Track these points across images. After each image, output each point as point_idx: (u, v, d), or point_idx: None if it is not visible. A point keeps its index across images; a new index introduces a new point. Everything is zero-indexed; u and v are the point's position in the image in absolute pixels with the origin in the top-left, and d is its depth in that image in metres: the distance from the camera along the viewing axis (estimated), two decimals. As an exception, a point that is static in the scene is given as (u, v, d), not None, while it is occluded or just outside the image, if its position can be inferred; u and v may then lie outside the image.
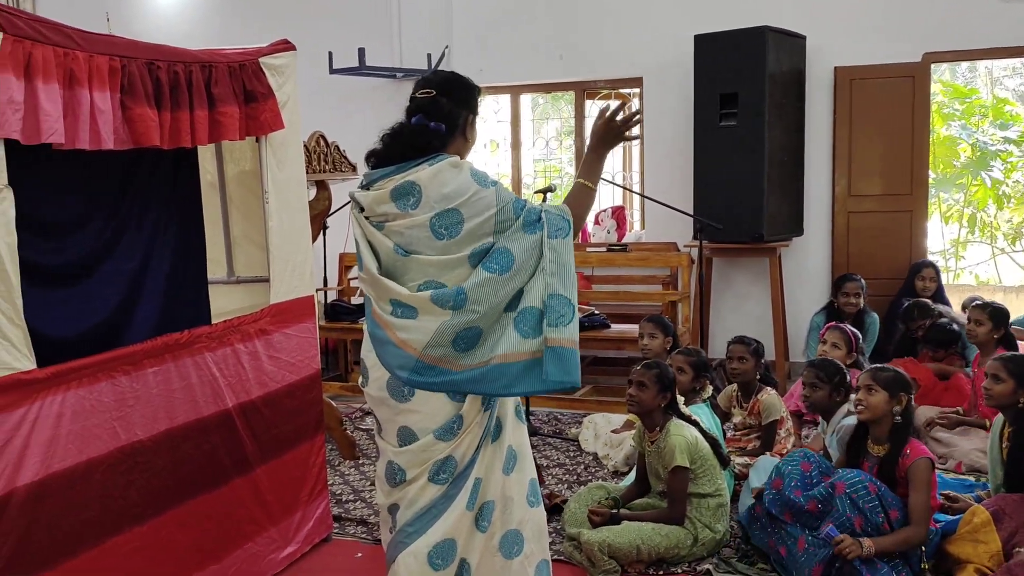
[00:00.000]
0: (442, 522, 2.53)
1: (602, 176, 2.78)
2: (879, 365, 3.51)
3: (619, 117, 2.63)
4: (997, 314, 4.67)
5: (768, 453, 4.20)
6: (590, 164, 2.67)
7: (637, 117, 2.71)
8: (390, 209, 2.50)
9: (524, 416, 2.80)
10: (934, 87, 6.57)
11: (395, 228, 2.50)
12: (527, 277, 2.47)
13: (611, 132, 2.65)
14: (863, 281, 5.80)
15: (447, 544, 2.53)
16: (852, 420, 3.69)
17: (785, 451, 4.25)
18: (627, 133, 2.67)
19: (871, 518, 3.10)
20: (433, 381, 2.47)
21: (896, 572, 3.07)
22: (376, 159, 2.58)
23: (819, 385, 3.91)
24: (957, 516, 3.29)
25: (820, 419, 4.17)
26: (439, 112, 2.55)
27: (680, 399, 3.86)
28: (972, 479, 4.13)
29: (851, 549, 3.00)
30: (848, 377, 3.96)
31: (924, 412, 4.78)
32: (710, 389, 4.37)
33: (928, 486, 3.14)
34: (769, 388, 4.39)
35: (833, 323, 5.07)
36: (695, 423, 3.64)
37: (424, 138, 2.52)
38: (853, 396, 3.47)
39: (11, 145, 2.32)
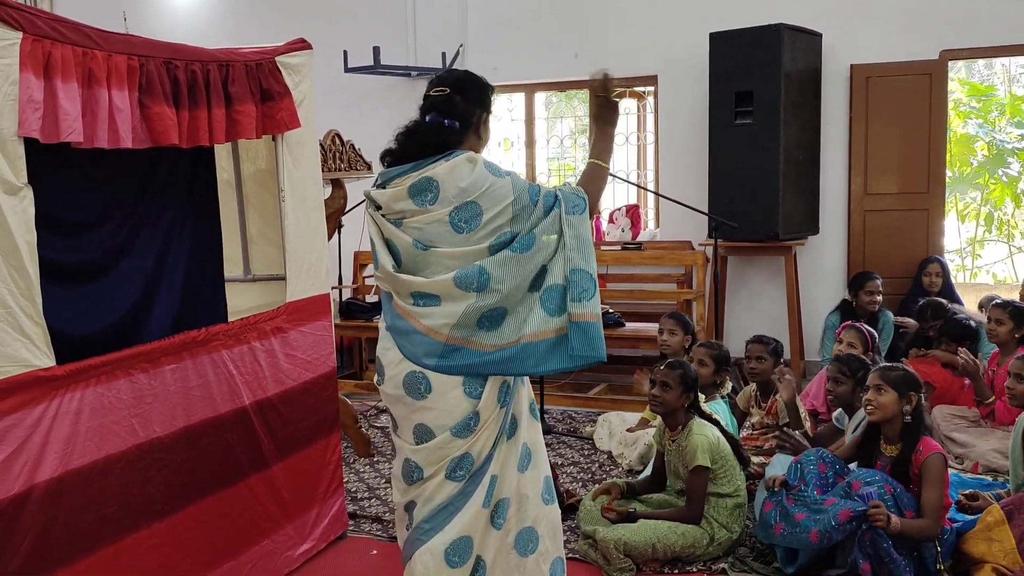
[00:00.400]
0: (459, 519, 2.53)
1: (617, 175, 2.80)
2: (888, 364, 3.49)
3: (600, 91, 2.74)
4: (1018, 313, 4.65)
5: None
6: (599, 143, 2.72)
7: (613, 81, 2.77)
8: (408, 206, 2.51)
9: (539, 414, 2.81)
10: (950, 85, 6.52)
11: (413, 224, 2.51)
12: (549, 255, 2.51)
13: (602, 105, 2.73)
14: (880, 280, 5.78)
15: (464, 542, 2.54)
16: None
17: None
18: (614, 98, 2.75)
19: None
20: (462, 364, 2.49)
21: (908, 570, 3.06)
22: (392, 158, 2.59)
23: (842, 380, 3.93)
24: (975, 515, 3.28)
25: (838, 415, 4.16)
26: (453, 110, 2.57)
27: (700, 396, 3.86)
28: (989, 479, 4.11)
29: (882, 517, 2.98)
30: None
31: (941, 411, 4.76)
32: (730, 384, 4.35)
33: (941, 482, 3.13)
34: None
35: (849, 322, 5.04)
36: (716, 423, 3.63)
37: (440, 136, 2.54)
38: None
39: (30, 144, 2.33)
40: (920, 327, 5.35)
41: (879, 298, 5.71)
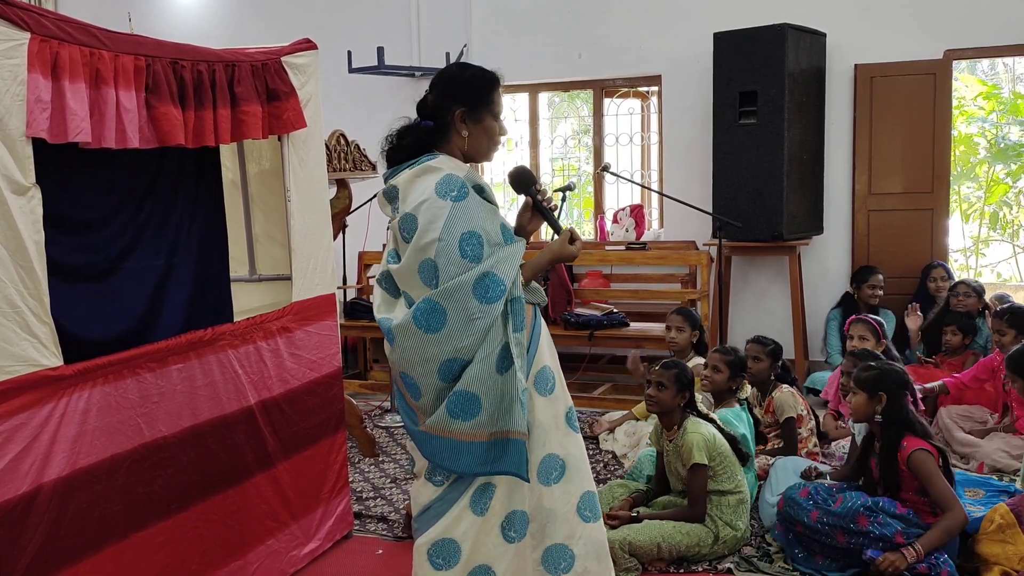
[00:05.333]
0: (440, 522, 2.51)
1: (620, 174, 2.77)
2: (865, 364, 3.47)
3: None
4: (1016, 319, 4.67)
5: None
6: (535, 267, 2.59)
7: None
8: (388, 212, 2.57)
9: (576, 424, 2.67)
10: (954, 84, 6.49)
11: (393, 229, 2.54)
12: (464, 349, 2.39)
13: (567, 254, 2.61)
14: (882, 275, 5.83)
15: (446, 544, 2.50)
16: None
17: (806, 450, 4.24)
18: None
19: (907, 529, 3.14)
20: (403, 415, 2.54)
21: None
22: (386, 160, 2.63)
23: None
24: (980, 515, 3.28)
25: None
26: (425, 109, 2.59)
27: (702, 398, 3.85)
28: (995, 479, 4.10)
29: (895, 564, 3.04)
30: None
31: (947, 412, 4.76)
32: (748, 389, 4.29)
33: (936, 474, 3.14)
34: (783, 386, 4.36)
35: (855, 316, 5.03)
36: (712, 420, 3.63)
37: (410, 136, 2.56)
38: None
39: (38, 143, 2.34)
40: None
41: (880, 292, 5.83)
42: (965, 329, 5.29)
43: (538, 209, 2.66)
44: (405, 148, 2.55)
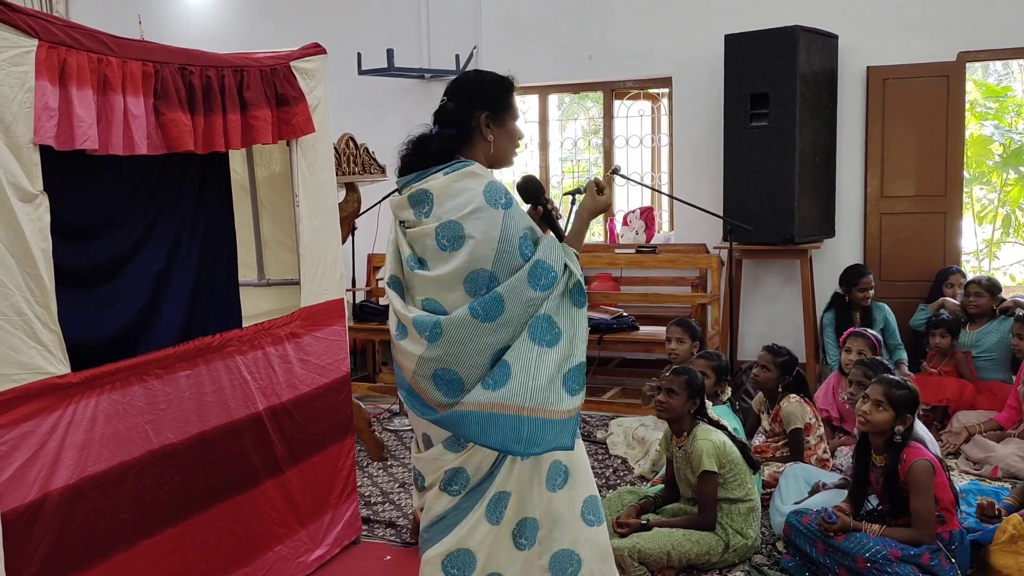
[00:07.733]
0: (455, 532, 2.49)
1: (630, 176, 2.75)
2: (895, 379, 3.37)
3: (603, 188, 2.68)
4: None
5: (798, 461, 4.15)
6: (578, 233, 2.65)
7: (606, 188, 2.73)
8: (409, 216, 2.50)
9: (577, 429, 2.65)
10: (967, 86, 6.44)
11: (413, 235, 2.49)
12: (515, 332, 2.40)
13: (600, 206, 2.67)
14: (872, 275, 5.76)
15: (462, 554, 2.48)
16: None
17: (815, 457, 4.20)
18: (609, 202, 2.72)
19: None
20: (422, 413, 2.49)
21: None
22: (401, 166, 2.58)
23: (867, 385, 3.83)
24: (993, 527, 3.24)
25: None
26: (446, 116, 2.55)
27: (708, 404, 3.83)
28: (1008, 486, 4.07)
29: (838, 526, 3.13)
30: None
31: (963, 417, 4.72)
32: (729, 391, 4.32)
33: (927, 488, 3.11)
34: (792, 396, 4.27)
35: (852, 329, 4.98)
36: (723, 428, 3.61)
37: (435, 143, 2.52)
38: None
39: (42, 149, 2.33)
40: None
41: (871, 292, 5.69)
42: (954, 331, 5.22)
43: (547, 219, 2.66)
44: (432, 154, 2.51)
